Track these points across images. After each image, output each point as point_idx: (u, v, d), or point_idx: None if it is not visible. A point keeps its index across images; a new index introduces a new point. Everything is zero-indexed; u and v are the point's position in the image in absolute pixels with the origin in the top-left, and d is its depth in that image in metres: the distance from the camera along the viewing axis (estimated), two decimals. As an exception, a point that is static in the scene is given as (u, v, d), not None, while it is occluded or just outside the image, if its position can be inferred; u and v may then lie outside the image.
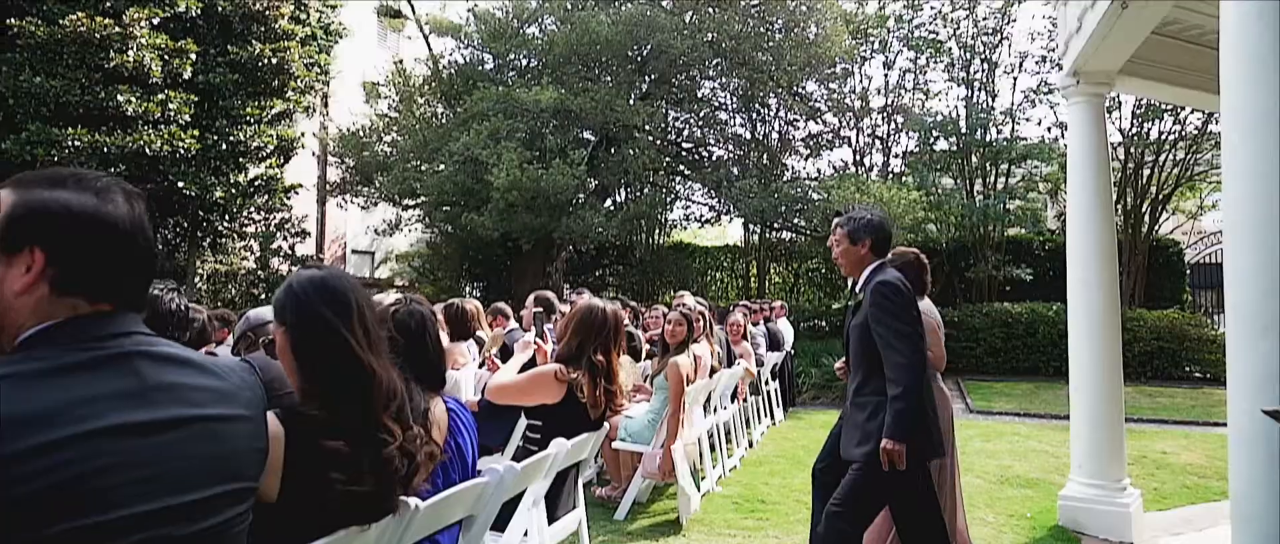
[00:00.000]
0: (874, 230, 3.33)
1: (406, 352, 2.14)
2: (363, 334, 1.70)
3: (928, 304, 4.14)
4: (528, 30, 14.04)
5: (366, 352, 1.68)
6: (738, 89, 15.62)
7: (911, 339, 3.05)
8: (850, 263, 3.39)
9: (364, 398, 1.67)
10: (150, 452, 1.19)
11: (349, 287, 1.75)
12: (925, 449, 3.14)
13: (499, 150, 11.55)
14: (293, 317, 1.71)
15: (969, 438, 8.45)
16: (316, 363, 1.67)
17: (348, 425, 1.63)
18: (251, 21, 13.67)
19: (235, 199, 13.67)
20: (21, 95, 11.39)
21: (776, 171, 15.86)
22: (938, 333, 4.03)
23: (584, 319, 3.14)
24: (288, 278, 1.79)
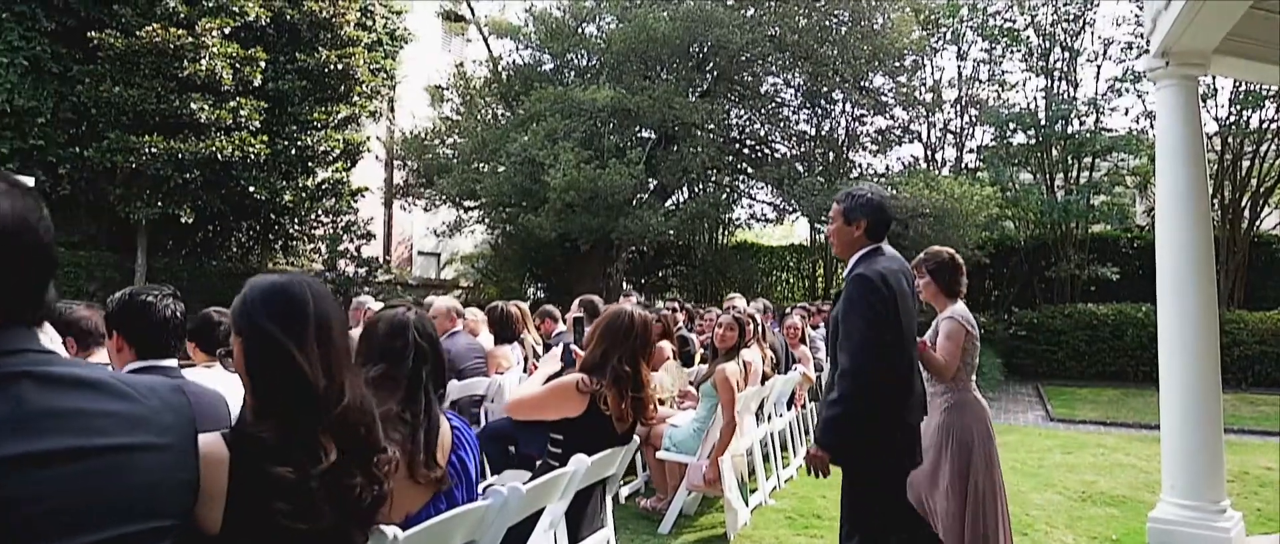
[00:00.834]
0: (871, 211, 3.03)
1: (392, 366, 1.98)
2: (319, 349, 1.52)
3: (960, 308, 3.78)
4: (586, 29, 13.93)
5: (317, 368, 1.50)
6: (801, 84, 15.19)
7: (866, 344, 2.78)
8: (842, 244, 3.11)
9: (317, 419, 1.50)
10: (31, 489, 1.03)
11: (308, 296, 1.57)
12: (890, 458, 2.90)
13: (556, 151, 11.45)
14: (241, 326, 1.55)
15: (1047, 449, 7.92)
16: (264, 379, 1.50)
17: (299, 449, 1.45)
18: (319, 29, 13.95)
19: (303, 202, 13.97)
20: (103, 105, 11.86)
21: (843, 168, 15.37)
22: (959, 341, 3.66)
23: (609, 326, 2.93)
24: (246, 284, 1.63)
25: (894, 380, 2.85)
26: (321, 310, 1.57)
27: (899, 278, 2.95)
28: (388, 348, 2.03)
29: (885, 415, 2.86)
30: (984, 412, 3.72)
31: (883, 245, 3.11)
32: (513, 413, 2.90)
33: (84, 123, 12.22)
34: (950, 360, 3.62)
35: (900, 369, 2.88)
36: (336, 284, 15.38)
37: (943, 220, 11.66)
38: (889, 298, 2.83)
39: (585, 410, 2.81)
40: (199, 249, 14.44)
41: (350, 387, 1.58)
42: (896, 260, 3.05)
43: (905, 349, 2.91)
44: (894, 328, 2.84)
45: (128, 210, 12.19)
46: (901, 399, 2.91)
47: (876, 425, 2.86)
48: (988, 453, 3.61)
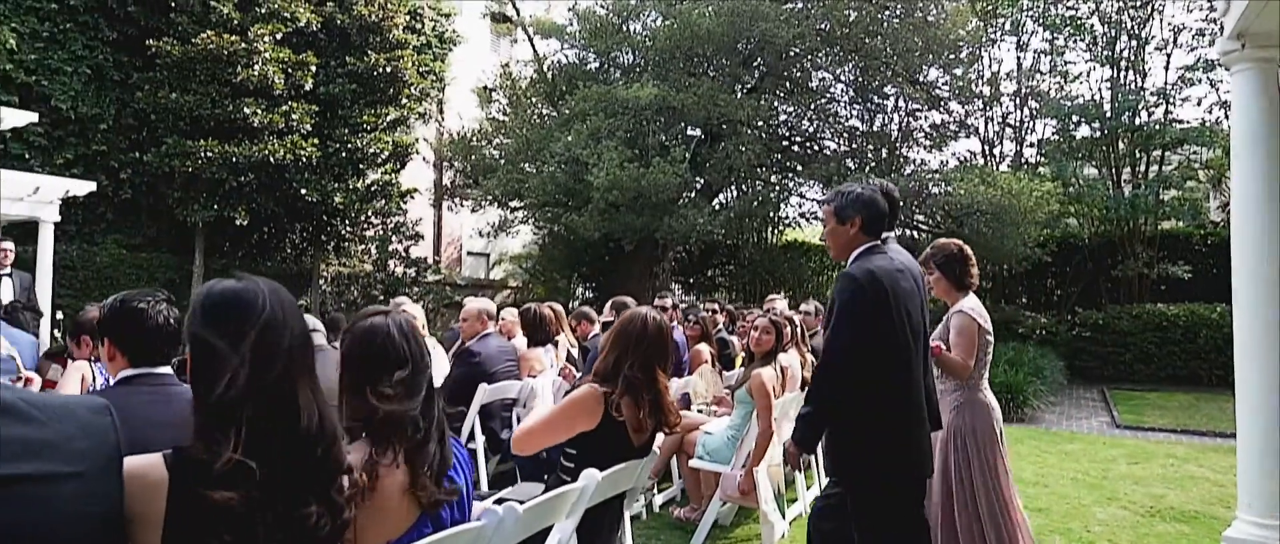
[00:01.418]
0: (863, 207, 2.91)
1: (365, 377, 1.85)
2: (264, 360, 1.40)
3: (971, 301, 3.65)
4: (629, 27, 13.79)
5: (263, 381, 1.38)
6: (851, 79, 14.81)
7: (844, 344, 2.68)
8: (838, 245, 2.99)
9: (266, 439, 1.38)
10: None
11: (258, 303, 1.45)
12: (889, 471, 2.77)
13: (599, 150, 11.35)
14: (186, 335, 1.44)
15: (1112, 459, 7.49)
16: (206, 392, 1.39)
17: (245, 473, 1.33)
18: (368, 33, 14.11)
19: (353, 204, 14.13)
20: (161, 111, 12.18)
21: (895, 165, 14.93)
22: (972, 336, 3.53)
23: (621, 330, 2.78)
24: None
25: (877, 383, 2.69)
26: (273, 318, 1.45)
27: (895, 277, 2.79)
28: (369, 354, 1.90)
29: (873, 422, 2.72)
30: (991, 412, 3.56)
31: (888, 242, 3.01)
32: (523, 448, 2.71)
33: (144, 128, 12.57)
34: (966, 357, 3.47)
35: (888, 372, 2.72)
36: (386, 285, 15.57)
37: (1000, 218, 11.20)
38: (877, 298, 2.69)
39: (600, 422, 2.66)
40: (254, 250, 14.74)
41: (305, 402, 1.45)
42: (896, 258, 2.93)
43: (897, 352, 2.74)
44: (882, 329, 2.69)
45: (185, 213, 12.50)
46: (892, 405, 2.75)
47: (864, 433, 2.73)
48: (990, 458, 3.46)
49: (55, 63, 11.77)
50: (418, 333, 1.96)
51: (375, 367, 1.85)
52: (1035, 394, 10.46)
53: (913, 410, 2.81)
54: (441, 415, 1.93)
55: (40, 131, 11.50)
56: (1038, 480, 6.56)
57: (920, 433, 2.84)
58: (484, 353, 5.17)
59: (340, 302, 15.53)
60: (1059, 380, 11.98)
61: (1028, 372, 10.91)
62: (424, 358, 1.94)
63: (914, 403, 2.82)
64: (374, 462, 1.77)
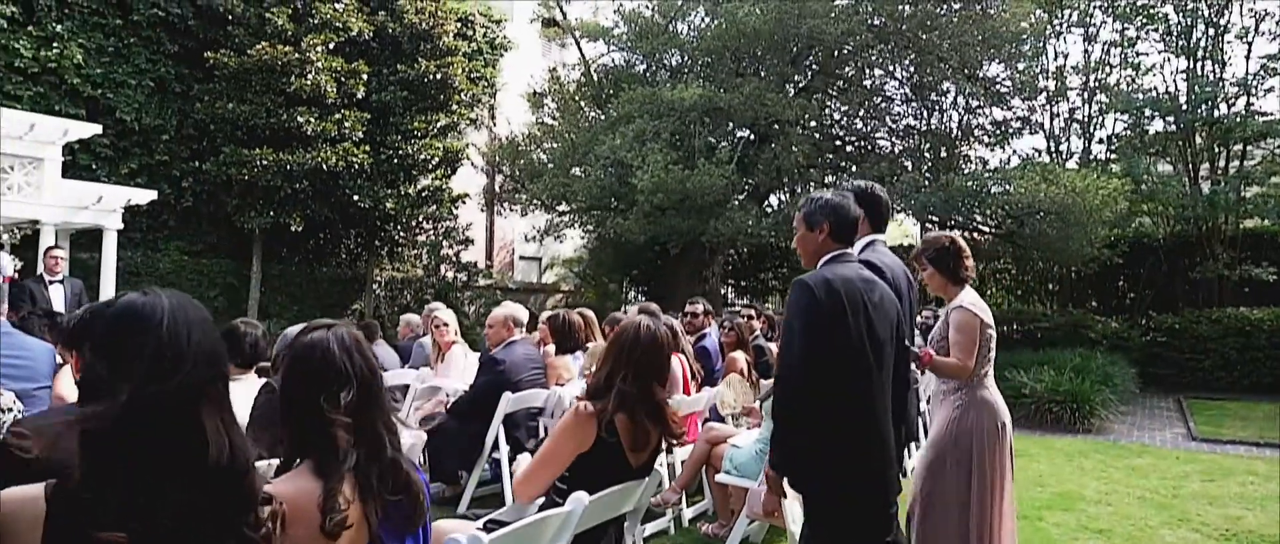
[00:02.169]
0: (831, 212, 2.82)
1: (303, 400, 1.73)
2: (157, 384, 1.28)
3: (970, 296, 3.50)
4: (676, 27, 13.62)
5: (148, 407, 1.27)
6: (907, 76, 14.34)
7: (796, 360, 2.57)
8: (807, 253, 2.89)
9: (163, 471, 1.26)
10: None
11: (155, 319, 1.33)
12: (843, 491, 2.61)
13: (644, 152, 11.21)
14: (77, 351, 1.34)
15: (1185, 475, 6.99)
16: (90, 418, 1.28)
17: (136, 509, 1.22)
18: (419, 40, 14.26)
19: (404, 209, 14.29)
20: (219, 121, 12.52)
21: (954, 163, 14.41)
22: (972, 333, 3.37)
23: (612, 342, 2.62)
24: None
25: (833, 395, 2.56)
26: (174, 337, 1.33)
27: (855, 286, 2.66)
28: (307, 373, 1.77)
29: (830, 434, 2.58)
30: (996, 412, 3.40)
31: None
32: (526, 493, 2.52)
33: (203, 138, 12.95)
34: (966, 357, 3.32)
35: (846, 383, 2.58)
36: (437, 289, 15.72)
37: (1064, 217, 10.65)
38: (833, 308, 2.57)
39: (593, 443, 2.50)
40: (310, 256, 15.04)
41: (213, 431, 1.33)
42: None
43: (854, 362, 2.60)
44: (838, 340, 2.57)
45: (242, 220, 12.81)
46: (849, 416, 2.60)
47: (820, 444, 2.58)
48: (989, 461, 3.31)
49: (120, 76, 12.19)
50: (364, 347, 1.82)
51: (315, 386, 1.73)
52: (1103, 404, 9.90)
53: (873, 422, 2.66)
54: (396, 437, 1.79)
55: (106, 142, 11.94)
56: (1101, 498, 6.15)
57: (880, 445, 2.67)
58: (509, 360, 5.07)
59: (393, 306, 15.73)
60: (1130, 389, 11.35)
61: (1095, 380, 10.36)
62: (373, 374, 1.80)
63: (874, 414, 2.66)
64: (331, 493, 1.65)
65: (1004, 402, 3.55)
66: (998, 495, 3.34)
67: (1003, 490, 3.36)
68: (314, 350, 1.76)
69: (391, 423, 1.79)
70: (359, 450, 1.71)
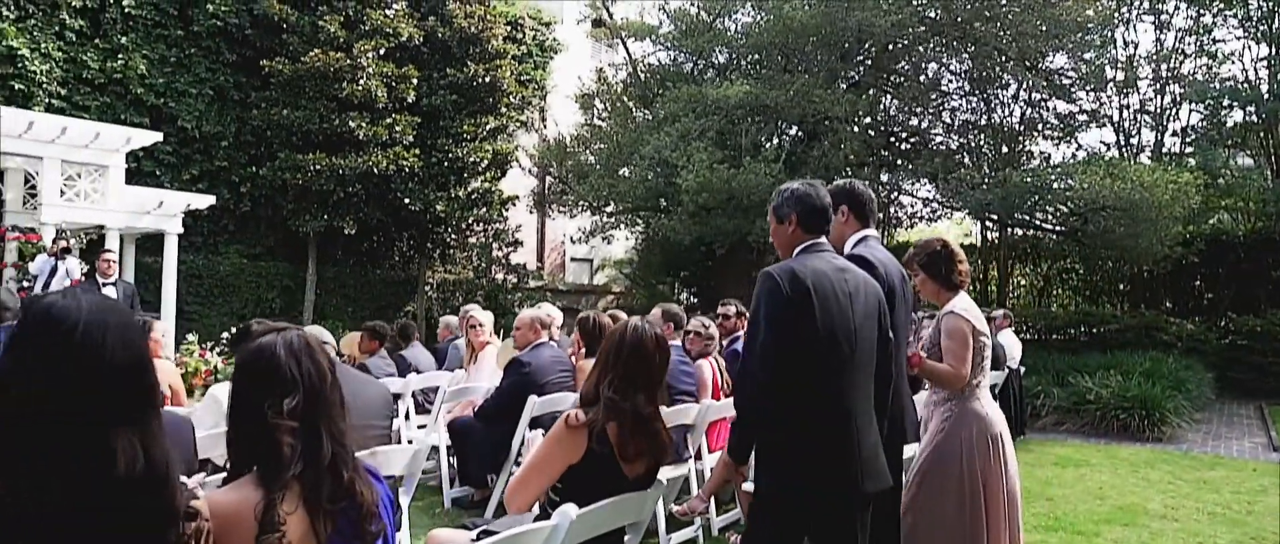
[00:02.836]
0: (798, 203, 2.75)
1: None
2: (61, 392, 1.23)
3: (962, 301, 3.36)
4: (723, 24, 13.43)
5: (46, 416, 1.20)
6: (965, 69, 13.85)
7: (759, 351, 2.49)
8: (781, 245, 2.82)
9: (74, 483, 1.19)
10: None
11: (68, 324, 1.27)
12: (799, 488, 2.50)
13: (689, 151, 11.06)
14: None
15: (1262, 489, 6.52)
16: (7, 430, 1.22)
17: (48, 524, 1.16)
18: (469, 44, 14.40)
19: (454, 212, 14.44)
20: (274, 127, 12.84)
21: (1016, 159, 13.85)
22: (965, 340, 3.22)
23: (602, 346, 2.49)
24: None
25: (798, 388, 2.48)
26: (88, 344, 1.27)
27: (824, 276, 2.57)
28: (253, 378, 1.70)
29: (794, 430, 2.50)
30: (988, 426, 3.25)
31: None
32: (514, 503, 2.42)
33: (260, 144, 13.31)
34: (959, 365, 3.18)
35: (811, 377, 2.50)
36: (487, 291, 15.85)
37: (1132, 214, 10.11)
38: (797, 298, 2.49)
39: (584, 452, 2.38)
40: (364, 258, 15.32)
41: (124, 444, 1.26)
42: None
43: (820, 355, 2.51)
44: (804, 331, 2.48)
45: (297, 223, 13.11)
46: (814, 412, 2.52)
47: (784, 440, 2.50)
48: (979, 478, 3.18)
49: (182, 86, 12.61)
50: (316, 353, 1.73)
51: (259, 391, 1.65)
52: (1175, 410, 9.36)
53: (841, 420, 2.55)
54: (345, 447, 1.70)
55: (169, 150, 12.35)
56: (1166, 513, 5.76)
57: (847, 445, 2.54)
58: (535, 363, 5.00)
59: (445, 308, 15.92)
60: (1206, 395, 10.72)
61: (1167, 385, 9.80)
62: (322, 381, 1.71)
63: (842, 411, 2.55)
64: (271, 505, 1.57)
65: (1000, 413, 3.40)
66: (987, 514, 3.20)
67: (996, 509, 3.21)
68: (260, 355, 1.69)
69: (340, 431, 1.70)
70: (304, 459, 1.63)
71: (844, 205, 3.18)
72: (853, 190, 3.25)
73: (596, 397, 2.42)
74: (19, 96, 10.89)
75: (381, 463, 3.03)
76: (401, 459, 3.08)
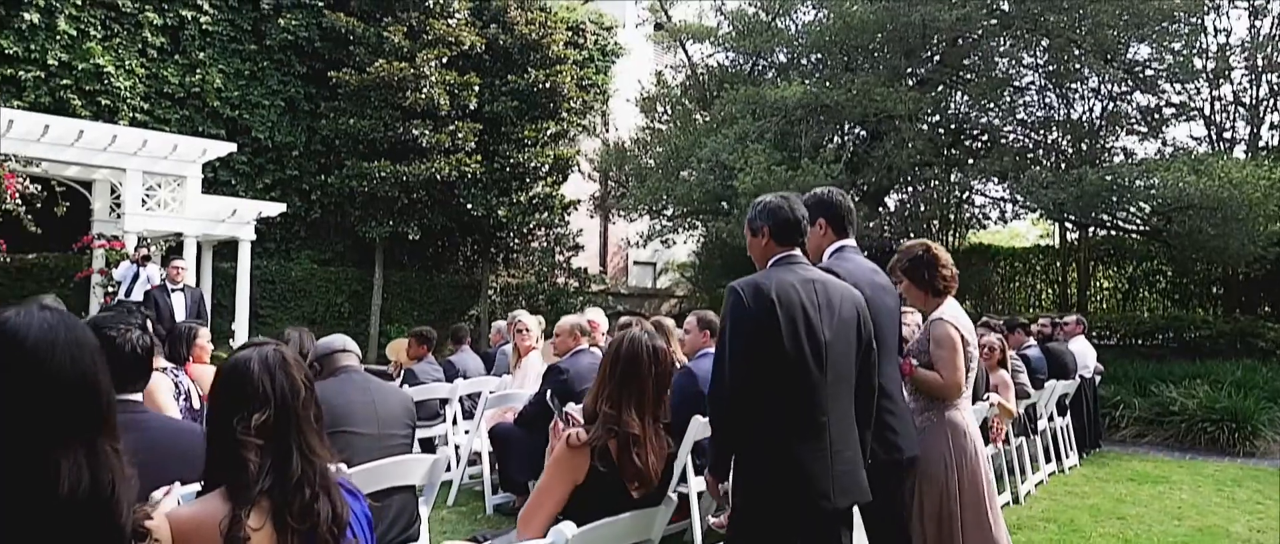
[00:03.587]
0: (769, 215, 2.76)
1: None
2: (6, 409, 1.23)
3: (949, 308, 3.26)
4: (782, 24, 13.19)
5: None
6: (1040, 63, 13.25)
7: (728, 365, 2.49)
8: (756, 258, 2.85)
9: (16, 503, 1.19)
10: None
11: (18, 339, 1.28)
12: (765, 499, 2.50)
13: (746, 153, 10.89)
14: None
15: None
16: None
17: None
18: (530, 51, 14.55)
19: (516, 217, 14.60)
20: (342, 136, 13.23)
21: (1096, 156, 13.18)
22: (954, 347, 3.14)
23: (604, 357, 2.40)
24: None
25: (763, 402, 2.48)
26: (37, 360, 1.26)
27: (792, 290, 2.55)
28: (227, 391, 1.69)
29: (760, 443, 2.50)
30: (965, 439, 3.16)
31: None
32: (527, 529, 2.35)
33: (329, 153, 13.72)
34: (953, 372, 3.12)
35: (776, 390, 2.49)
36: (549, 295, 15.96)
37: (1221, 212, 9.48)
38: (760, 311, 2.49)
39: (588, 472, 2.30)
40: (430, 263, 15.62)
41: (70, 464, 1.25)
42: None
43: (785, 369, 2.50)
44: (769, 345, 2.48)
45: (364, 229, 13.46)
46: (779, 426, 2.50)
47: (750, 453, 2.50)
48: (954, 489, 3.09)
49: (255, 98, 13.10)
50: (292, 369, 1.71)
51: (231, 406, 1.64)
52: (1270, 423, 8.75)
53: (812, 433, 2.51)
54: (314, 464, 1.67)
55: (244, 160, 12.85)
56: (1250, 536, 5.34)
57: (818, 458, 2.50)
58: (572, 370, 4.96)
59: (508, 312, 16.11)
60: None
61: (1262, 396, 9.18)
62: (295, 396, 1.69)
63: (814, 425, 2.51)
64: (236, 520, 1.56)
65: (976, 424, 3.34)
66: (961, 524, 3.14)
67: (972, 520, 3.14)
68: (234, 369, 1.69)
69: (311, 447, 1.68)
70: (273, 475, 1.61)
71: (821, 218, 3.16)
72: (830, 201, 3.21)
73: (596, 413, 2.34)
74: (105, 111, 11.49)
75: (401, 473, 3.03)
76: (420, 469, 3.07)
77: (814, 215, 3.09)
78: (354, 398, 3.07)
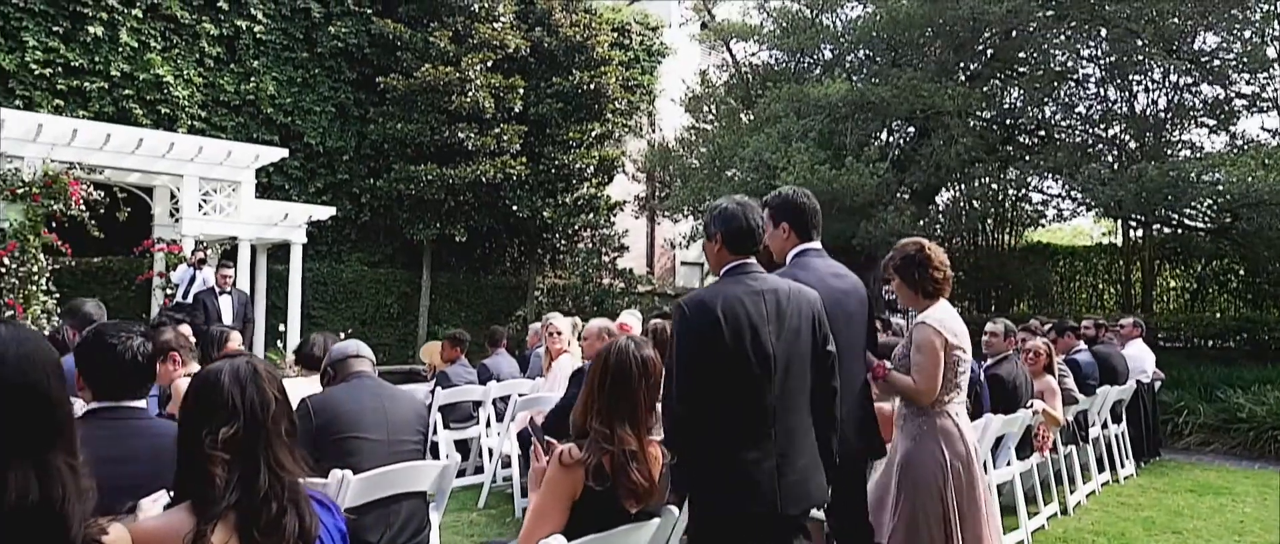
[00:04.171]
0: (722, 222, 2.75)
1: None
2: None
3: (937, 311, 3.15)
4: (826, 20, 12.95)
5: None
6: (1100, 56, 12.76)
7: (676, 378, 2.52)
8: (711, 264, 2.86)
9: None
10: None
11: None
12: (715, 508, 2.54)
13: (789, 152, 10.72)
14: None
15: None
16: None
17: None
18: (574, 52, 14.61)
19: (561, 219, 14.67)
20: (390, 140, 13.48)
21: (1157, 150, 12.63)
22: (934, 353, 3.05)
23: (590, 373, 2.33)
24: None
25: (711, 412, 2.51)
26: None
27: (737, 302, 2.56)
28: (197, 403, 1.69)
29: (707, 452, 2.52)
30: (958, 442, 3.07)
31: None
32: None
33: (378, 157, 13.98)
34: (928, 379, 3.03)
35: (724, 400, 2.53)
36: (594, 296, 15.98)
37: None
38: (704, 328, 2.53)
39: (583, 491, 2.24)
40: (477, 265, 15.79)
41: (16, 478, 1.26)
42: (767, 276, 2.73)
43: (731, 381, 2.54)
44: (713, 357, 2.52)
45: (412, 232, 13.69)
46: (725, 436, 2.53)
47: (699, 463, 2.52)
48: (943, 500, 3.02)
49: (307, 104, 13.42)
50: (263, 382, 1.70)
51: (199, 419, 1.64)
52: (1350, 433, 8.25)
53: (759, 443, 2.54)
54: (282, 480, 1.66)
55: (296, 165, 13.18)
56: (1319, 554, 5.03)
57: (760, 469, 2.52)
58: (599, 375, 4.91)
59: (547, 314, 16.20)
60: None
61: (1342, 404, 8.66)
62: (264, 410, 1.68)
63: (755, 436, 2.54)
64: (200, 534, 1.56)
65: (971, 431, 3.24)
66: (960, 530, 3.08)
67: (962, 533, 3.07)
68: (204, 382, 1.69)
69: (280, 461, 1.67)
70: (239, 489, 1.60)
71: (785, 220, 3.14)
72: (794, 204, 3.17)
73: (586, 429, 2.27)
74: (165, 120, 11.90)
75: (409, 478, 3.04)
76: (429, 475, 3.07)
77: (778, 218, 3.12)
78: (365, 403, 3.08)
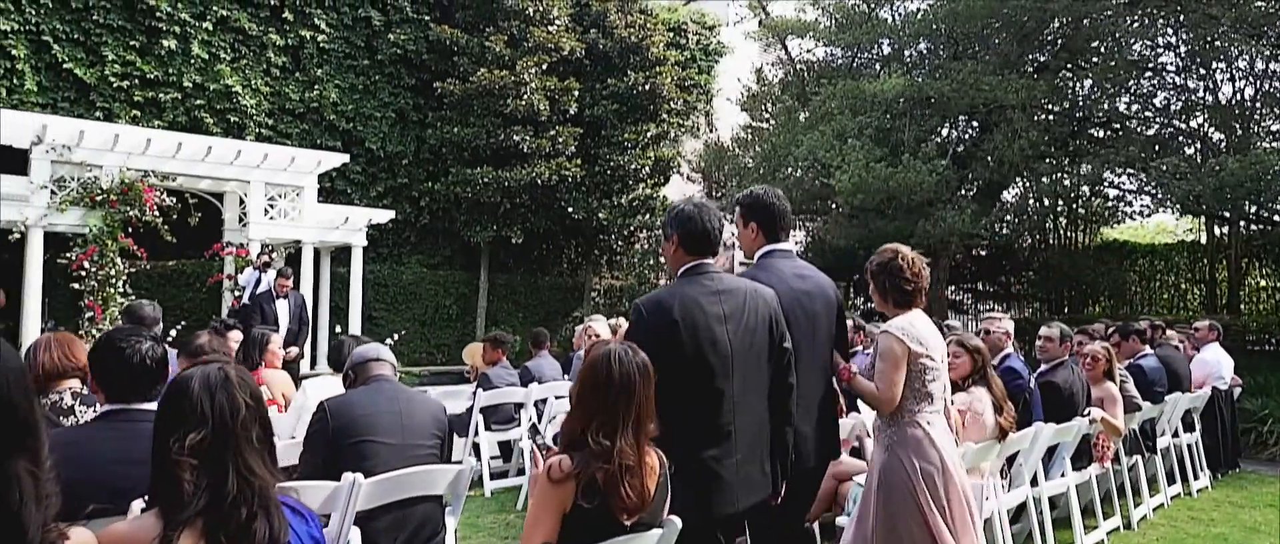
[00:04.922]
0: (680, 224, 2.77)
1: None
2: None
3: (904, 320, 3.10)
4: (883, 14, 12.62)
5: None
6: (1178, 44, 12.11)
7: None
8: (670, 266, 2.87)
9: None
10: None
11: None
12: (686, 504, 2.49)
13: (844, 150, 10.49)
14: None
15: None
16: None
17: None
18: (629, 53, 14.58)
19: (616, 220, 14.67)
20: (447, 144, 13.71)
21: (1246, 142, 11.91)
22: (895, 361, 3.02)
23: (582, 384, 2.25)
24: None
25: (669, 416, 2.44)
26: None
27: (693, 302, 2.61)
28: (167, 408, 1.70)
29: (667, 453, 2.46)
30: (929, 450, 3.05)
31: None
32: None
33: (436, 161, 14.24)
34: (889, 386, 3.00)
35: (681, 403, 2.54)
36: (648, 298, 15.95)
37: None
38: (661, 330, 2.58)
39: (573, 503, 2.18)
40: (534, 266, 15.94)
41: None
42: (724, 277, 2.74)
43: (691, 381, 2.59)
44: (669, 357, 2.51)
45: (469, 234, 13.90)
46: (686, 438, 2.57)
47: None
48: (914, 511, 3.00)
49: (368, 110, 13.77)
50: (234, 388, 1.70)
51: (169, 424, 1.65)
52: None
53: (713, 442, 2.61)
54: (251, 488, 1.66)
55: (358, 169, 13.53)
56: None
57: (721, 465, 2.60)
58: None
59: (613, 314, 16.22)
60: None
61: None
62: (234, 416, 1.68)
63: (714, 433, 2.61)
64: (166, 541, 1.57)
65: (948, 439, 3.14)
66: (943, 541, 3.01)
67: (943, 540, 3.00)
68: (176, 387, 1.70)
69: (250, 467, 1.66)
70: (207, 496, 1.61)
71: (753, 220, 3.12)
72: (763, 204, 3.14)
73: (579, 440, 2.20)
74: (234, 128, 12.36)
75: (423, 482, 3.04)
76: (443, 479, 3.07)
77: (748, 217, 3.12)
78: (381, 407, 3.10)
